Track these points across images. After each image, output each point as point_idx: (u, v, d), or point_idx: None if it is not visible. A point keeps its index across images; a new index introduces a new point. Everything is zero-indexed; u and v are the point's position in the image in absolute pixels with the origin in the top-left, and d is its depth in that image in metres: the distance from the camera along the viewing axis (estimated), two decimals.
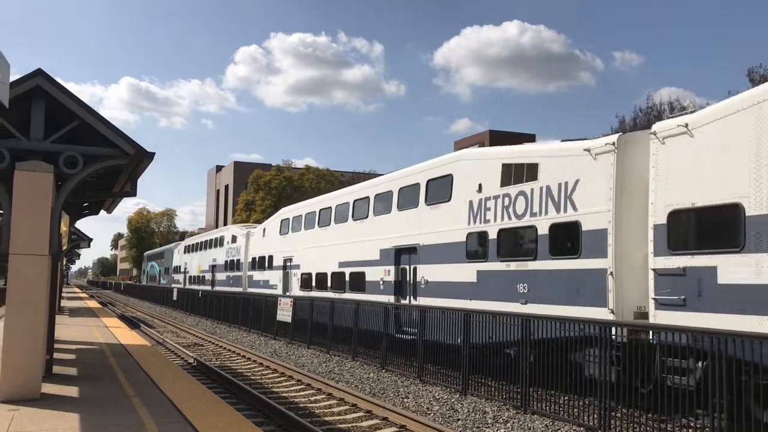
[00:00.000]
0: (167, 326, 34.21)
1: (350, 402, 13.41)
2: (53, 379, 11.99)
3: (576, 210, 14.14)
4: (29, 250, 10.08)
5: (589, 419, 11.15)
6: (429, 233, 19.26)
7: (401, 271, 20.84)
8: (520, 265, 15.56)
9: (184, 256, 58.65)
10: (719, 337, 9.36)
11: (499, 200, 16.56)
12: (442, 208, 18.80)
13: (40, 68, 10.53)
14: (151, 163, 11.59)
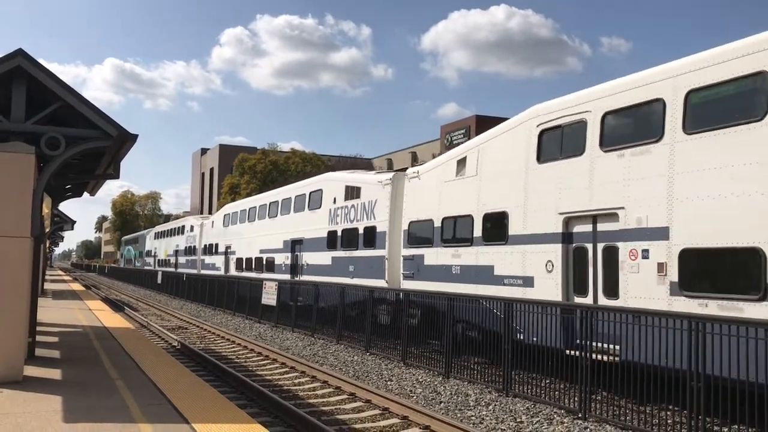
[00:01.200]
0: (151, 309, 34.14)
1: (334, 385, 13.49)
2: (36, 361, 11.96)
3: (375, 219, 22.13)
4: (11, 232, 10.01)
5: (569, 402, 11.30)
6: (309, 230, 27.05)
7: (294, 257, 28.80)
8: (350, 253, 23.59)
9: (154, 242, 66.89)
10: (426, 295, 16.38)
11: (343, 210, 24.60)
12: (317, 212, 26.56)
13: (21, 48, 10.41)
14: (134, 145, 11.53)
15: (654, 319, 10.22)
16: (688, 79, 11.62)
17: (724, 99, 11.26)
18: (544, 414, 11.17)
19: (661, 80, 12.19)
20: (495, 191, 16.31)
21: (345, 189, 24.56)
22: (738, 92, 11.06)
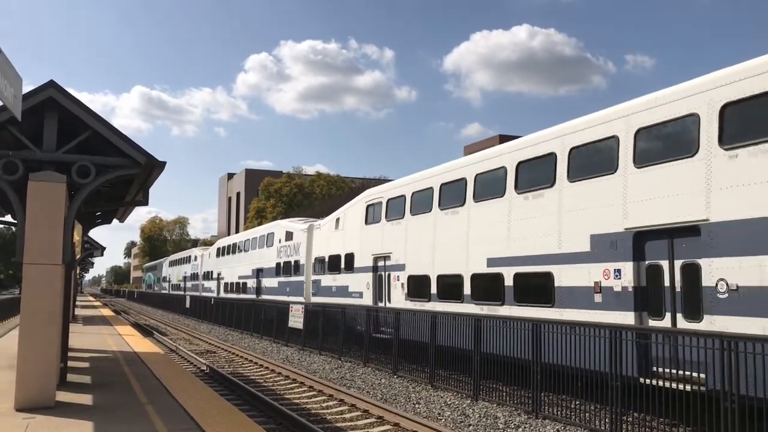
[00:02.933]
0: (180, 334, 34.37)
1: (362, 408, 13.43)
2: (67, 387, 12.11)
3: (299, 255, 31.89)
4: (43, 259, 10.20)
5: (600, 424, 11.13)
6: (266, 262, 37.58)
7: (258, 281, 39.02)
8: (287, 278, 33.50)
9: (169, 269, 78.38)
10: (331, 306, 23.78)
11: (284, 248, 34.33)
12: (270, 249, 36.79)
13: (53, 80, 10.67)
14: (162, 172, 11.70)
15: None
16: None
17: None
18: None
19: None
20: (349, 240, 25.78)
21: (285, 233, 34.55)
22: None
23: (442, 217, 19.23)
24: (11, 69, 5.32)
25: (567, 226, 14.37)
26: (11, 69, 5.32)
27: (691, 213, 11.58)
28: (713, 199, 11.25)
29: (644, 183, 12.59)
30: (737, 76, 11.11)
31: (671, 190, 12.00)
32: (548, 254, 14.84)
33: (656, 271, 12.38)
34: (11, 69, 5.32)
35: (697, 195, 11.51)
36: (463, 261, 17.96)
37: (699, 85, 11.87)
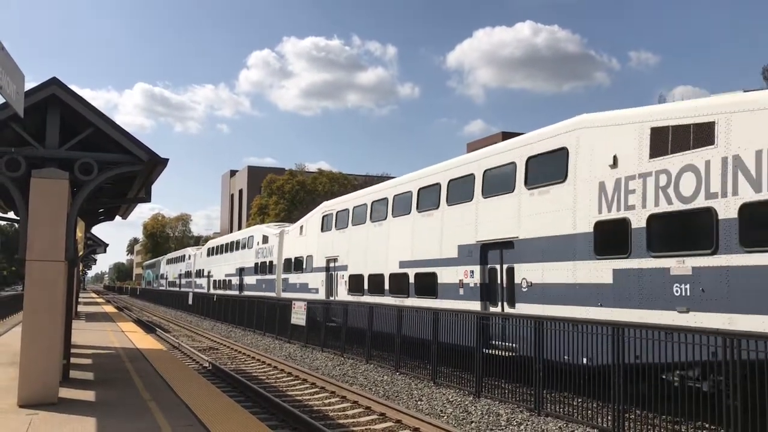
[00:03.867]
0: (183, 330, 34.42)
1: (364, 405, 13.45)
2: (70, 383, 12.13)
3: (272, 256, 36.43)
4: (46, 256, 10.21)
5: (603, 421, 11.13)
6: (247, 262, 42.08)
7: (241, 279, 43.67)
8: (264, 277, 38.29)
9: (166, 267, 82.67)
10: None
11: (261, 250, 39.21)
12: (250, 250, 41.51)
13: (55, 77, 10.67)
14: (165, 168, 11.71)
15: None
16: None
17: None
18: None
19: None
20: (310, 245, 30.28)
21: (262, 237, 39.63)
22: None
23: (372, 228, 23.85)
24: (14, 65, 5.32)
25: (445, 238, 19.01)
26: (14, 65, 5.32)
27: (510, 232, 16.24)
28: (521, 223, 15.87)
29: (487, 209, 17.29)
30: (533, 139, 16.09)
31: (501, 215, 16.66)
32: (434, 258, 19.53)
33: (493, 272, 17.01)
34: (14, 65, 5.32)
35: (513, 219, 16.16)
36: (384, 263, 22.58)
37: (518, 142, 16.89)
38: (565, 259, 14.37)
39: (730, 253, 10.92)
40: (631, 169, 12.95)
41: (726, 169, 11.15)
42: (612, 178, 13.38)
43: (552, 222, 14.85)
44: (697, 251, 11.54)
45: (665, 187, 12.21)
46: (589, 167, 14.01)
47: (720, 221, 11.11)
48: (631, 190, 12.91)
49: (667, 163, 12.23)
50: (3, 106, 9.72)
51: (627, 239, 12.82)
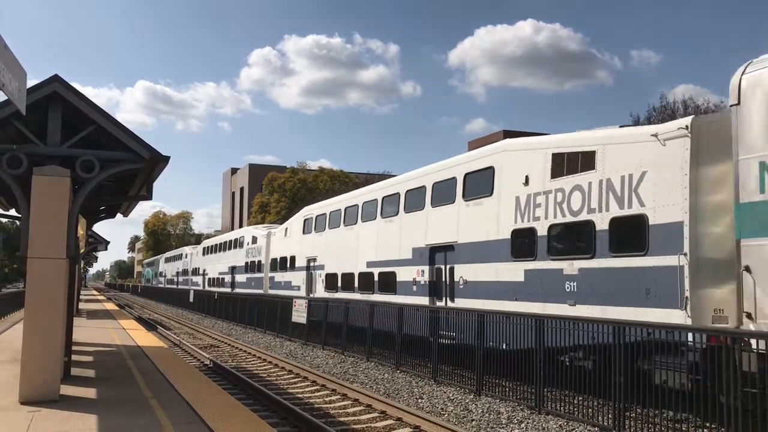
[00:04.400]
0: (184, 328, 34.46)
1: (365, 403, 13.47)
2: (72, 380, 12.15)
3: (261, 256, 38.65)
4: (47, 253, 10.23)
5: (603, 419, 11.14)
6: (238, 261, 44.24)
7: (232, 277, 45.94)
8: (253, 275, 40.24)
9: (165, 265, 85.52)
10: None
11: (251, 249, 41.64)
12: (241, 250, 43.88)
13: (57, 74, 10.69)
14: (166, 166, 11.72)
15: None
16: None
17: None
18: None
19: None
20: (293, 246, 32.52)
21: (252, 237, 41.83)
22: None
23: (345, 232, 26.47)
24: (16, 63, 5.33)
25: (403, 242, 21.59)
26: (16, 63, 5.33)
27: (451, 237, 18.84)
28: (460, 229, 18.47)
29: (435, 217, 19.87)
30: (470, 158, 18.92)
31: (445, 222, 19.18)
32: (394, 259, 22.08)
33: (439, 272, 19.56)
34: (16, 63, 5.33)
35: (454, 226, 18.72)
36: (354, 263, 25.13)
37: (458, 160, 19.51)
38: (491, 260, 17.08)
39: (603, 257, 13.56)
40: (538, 186, 15.64)
41: (602, 189, 13.78)
42: (524, 193, 16.04)
43: (482, 229, 17.52)
44: (581, 255, 14.15)
45: (561, 202, 14.86)
46: (509, 184, 16.64)
47: (597, 231, 13.72)
48: (537, 204, 15.59)
49: (562, 183, 14.87)
50: (5, 103, 9.74)
51: (534, 245, 15.51)
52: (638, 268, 12.84)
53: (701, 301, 11.65)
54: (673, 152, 12.32)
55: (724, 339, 9.65)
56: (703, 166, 12.03)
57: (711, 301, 11.63)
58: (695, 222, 11.92)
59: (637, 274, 12.81)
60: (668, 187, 12.36)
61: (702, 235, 11.90)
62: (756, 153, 10.75)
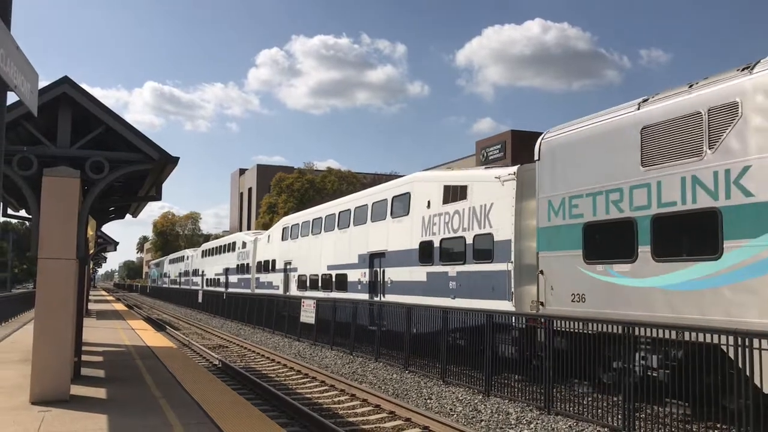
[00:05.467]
0: (192, 328, 34.56)
1: (373, 403, 13.47)
2: (82, 380, 12.20)
3: (249, 259, 43.22)
4: (57, 254, 10.27)
5: (613, 420, 11.10)
6: (230, 263, 48.47)
7: (226, 278, 49.66)
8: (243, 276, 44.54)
9: (169, 266, 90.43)
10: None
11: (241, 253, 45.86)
12: (233, 253, 48.19)
13: (67, 76, 10.73)
14: (175, 167, 11.75)
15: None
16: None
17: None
18: None
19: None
20: (274, 250, 37.12)
21: (242, 242, 46.11)
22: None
23: (313, 240, 30.86)
24: (28, 65, 5.35)
25: (352, 249, 26.11)
26: (28, 65, 5.35)
27: (383, 246, 23.62)
28: (389, 240, 23.18)
29: (374, 230, 24.59)
30: (397, 185, 23.87)
31: (380, 234, 23.99)
32: (346, 263, 26.65)
33: (375, 274, 24.22)
34: (28, 65, 5.35)
35: (385, 238, 23.54)
36: (318, 266, 29.68)
37: (389, 185, 24.65)
38: (407, 265, 21.67)
39: (470, 264, 18.30)
40: (435, 210, 20.36)
41: (470, 214, 18.53)
42: (428, 214, 20.75)
43: (402, 240, 22.16)
44: (458, 262, 18.87)
45: (448, 222, 19.58)
46: (418, 206, 21.37)
47: (467, 244, 18.47)
48: (434, 222, 20.30)
49: (449, 208, 19.65)
50: (15, 105, 9.78)
51: (432, 253, 20.16)
52: (488, 271, 17.46)
53: (522, 294, 16.26)
54: (507, 191, 17.03)
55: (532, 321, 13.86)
56: (523, 201, 16.58)
57: (528, 295, 15.94)
58: (518, 239, 16.58)
59: (488, 275, 17.43)
60: (504, 214, 17.08)
61: (522, 249, 16.47)
62: (545, 194, 15.01)
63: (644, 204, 12.42)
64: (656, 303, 11.90)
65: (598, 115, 14.18)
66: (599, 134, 13.73)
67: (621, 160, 12.97)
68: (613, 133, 13.33)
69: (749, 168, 10.67)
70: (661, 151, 12.21)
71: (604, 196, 13.36)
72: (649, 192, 12.35)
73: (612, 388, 11.63)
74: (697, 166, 11.48)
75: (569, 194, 14.28)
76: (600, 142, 13.64)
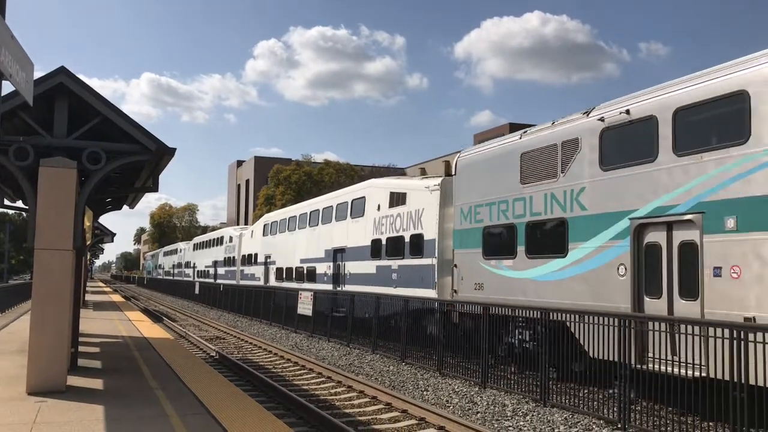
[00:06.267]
0: (189, 320, 34.57)
1: (370, 395, 13.49)
2: (78, 371, 12.21)
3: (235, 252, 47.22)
4: (54, 245, 10.26)
5: (609, 412, 11.14)
6: (219, 256, 51.91)
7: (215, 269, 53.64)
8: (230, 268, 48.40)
9: (163, 258, 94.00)
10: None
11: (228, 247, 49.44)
12: (221, 247, 51.87)
13: (63, 66, 10.69)
14: (172, 158, 11.73)
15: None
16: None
17: None
18: (583, 425, 11.03)
19: None
20: (256, 245, 40.44)
21: (229, 237, 49.48)
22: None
23: (289, 236, 34.29)
24: (23, 54, 5.33)
25: (320, 245, 29.40)
26: (23, 54, 5.33)
27: (344, 242, 26.92)
28: (348, 237, 26.47)
29: (337, 228, 27.90)
30: (354, 189, 27.36)
31: (342, 232, 27.29)
32: (315, 257, 30.06)
33: (338, 267, 27.48)
34: (23, 54, 5.33)
35: (346, 235, 26.79)
36: (293, 260, 33.11)
37: (350, 190, 28.30)
38: (362, 259, 25.02)
39: (407, 258, 21.62)
40: (384, 212, 23.69)
41: (408, 217, 21.87)
42: (378, 216, 24.06)
43: (358, 238, 25.39)
44: (399, 257, 22.25)
45: (392, 223, 22.99)
46: (371, 209, 24.76)
47: (405, 242, 21.82)
48: (383, 223, 23.67)
49: (393, 211, 23.01)
50: (11, 95, 9.73)
51: (380, 249, 23.60)
52: (420, 265, 20.87)
53: (443, 284, 19.51)
54: (434, 198, 20.40)
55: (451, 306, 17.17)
56: (445, 208, 19.83)
57: (447, 284, 19.09)
58: (441, 239, 19.88)
59: (420, 268, 20.80)
60: (431, 218, 20.44)
61: (444, 247, 19.74)
62: (459, 203, 18.65)
63: (522, 213, 15.95)
64: (529, 291, 15.37)
65: (495, 140, 18.30)
66: (494, 156, 17.38)
67: (508, 178, 16.45)
68: (504, 156, 16.86)
69: (584, 188, 14.06)
70: (533, 172, 15.68)
71: (496, 205, 16.93)
72: (525, 204, 15.88)
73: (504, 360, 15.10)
74: (554, 186, 14.94)
75: (474, 203, 17.88)
76: (495, 163, 17.21)
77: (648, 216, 12.47)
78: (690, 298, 11.52)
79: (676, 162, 11.98)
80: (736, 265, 10.74)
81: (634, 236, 12.73)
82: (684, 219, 11.71)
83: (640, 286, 12.57)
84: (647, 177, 12.54)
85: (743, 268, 10.63)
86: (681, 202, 11.78)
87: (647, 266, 12.50)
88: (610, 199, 13.37)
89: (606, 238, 13.39)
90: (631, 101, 13.18)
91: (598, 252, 13.55)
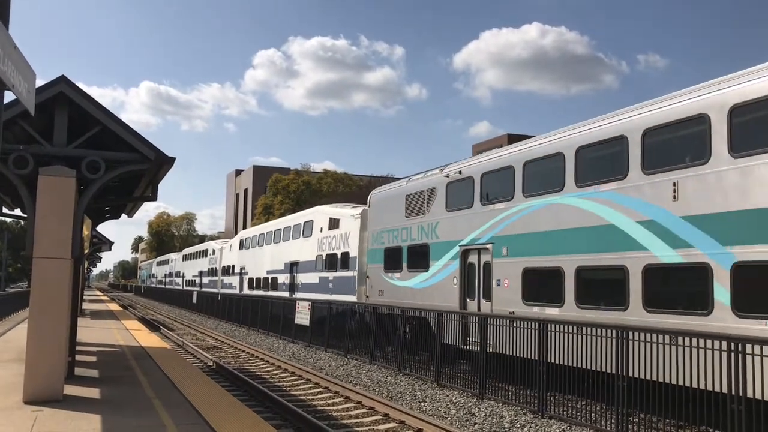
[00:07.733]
0: (187, 329, 34.49)
1: (367, 405, 13.47)
2: (75, 380, 12.17)
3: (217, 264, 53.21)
4: (52, 253, 10.26)
5: (606, 424, 11.12)
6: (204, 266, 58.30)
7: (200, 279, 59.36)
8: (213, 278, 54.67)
9: (156, 267, 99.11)
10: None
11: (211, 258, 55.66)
12: (206, 258, 57.86)
13: (64, 75, 10.72)
14: (171, 167, 11.75)
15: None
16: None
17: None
18: None
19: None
20: (234, 257, 46.01)
21: (212, 249, 55.55)
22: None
23: (259, 250, 39.88)
24: (26, 64, 5.35)
25: (281, 258, 34.99)
26: (26, 64, 5.35)
27: (298, 257, 32.87)
28: (301, 253, 32.35)
29: (293, 245, 33.57)
30: (305, 213, 34.35)
31: (295, 248, 33.12)
32: (277, 269, 35.72)
33: (293, 277, 33.03)
34: (26, 64, 5.35)
35: (299, 251, 32.63)
36: (261, 271, 38.72)
37: (302, 214, 34.77)
38: (310, 271, 30.80)
39: (339, 271, 27.35)
40: (325, 234, 29.27)
41: (340, 238, 27.62)
42: (321, 237, 29.70)
43: (308, 254, 31.18)
44: (333, 270, 27.95)
45: (330, 243, 28.58)
46: (317, 231, 30.37)
47: (338, 258, 27.65)
48: (324, 242, 29.28)
49: (331, 233, 28.60)
50: (11, 103, 9.76)
51: (322, 264, 29.19)
52: (347, 276, 26.50)
53: (361, 291, 24.98)
54: (357, 224, 26.07)
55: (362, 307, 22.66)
56: (363, 231, 25.48)
57: (362, 292, 24.59)
58: (360, 256, 25.49)
59: (347, 279, 26.44)
60: (354, 239, 26.18)
61: (362, 262, 25.27)
62: (371, 229, 24.29)
63: (405, 238, 21.58)
64: (410, 295, 20.78)
65: (393, 183, 24.60)
66: (392, 195, 23.14)
67: (399, 212, 22.11)
68: (397, 196, 22.52)
69: (438, 222, 19.72)
70: (412, 209, 21.37)
71: (392, 232, 22.49)
72: (408, 232, 21.49)
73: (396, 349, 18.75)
74: (423, 220, 20.64)
75: (379, 230, 23.47)
76: (392, 200, 22.87)
77: (468, 244, 18.00)
78: (487, 300, 16.98)
79: (482, 209, 17.66)
80: (507, 278, 16.20)
81: (461, 258, 18.25)
82: (485, 247, 17.21)
83: (463, 291, 18.20)
84: (468, 217, 18.20)
85: (510, 281, 16.10)
86: (484, 236, 17.34)
87: (468, 278, 18.08)
88: (451, 231, 18.90)
89: (448, 258, 18.91)
90: (463, 164, 19.06)
91: (444, 268, 19.12)
